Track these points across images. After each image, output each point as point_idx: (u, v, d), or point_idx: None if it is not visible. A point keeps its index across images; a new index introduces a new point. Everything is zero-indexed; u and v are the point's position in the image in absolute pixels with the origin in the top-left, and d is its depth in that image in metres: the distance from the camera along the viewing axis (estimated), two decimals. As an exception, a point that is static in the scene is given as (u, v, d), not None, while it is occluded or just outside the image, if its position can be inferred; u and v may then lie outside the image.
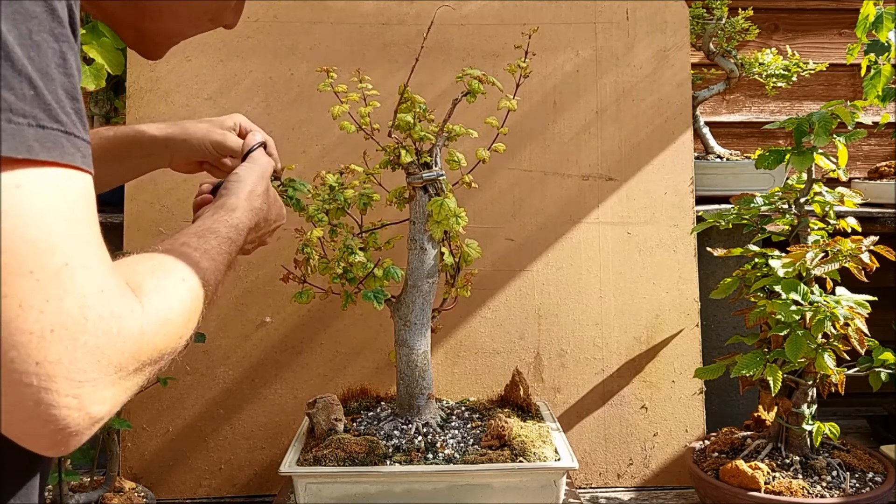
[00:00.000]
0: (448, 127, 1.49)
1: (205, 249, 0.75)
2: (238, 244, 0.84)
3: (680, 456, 1.91)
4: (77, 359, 0.50)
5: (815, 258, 1.56)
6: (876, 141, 2.55)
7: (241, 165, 0.98)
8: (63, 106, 0.53)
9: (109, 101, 2.12)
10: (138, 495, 1.69)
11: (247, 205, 0.90)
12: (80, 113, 0.55)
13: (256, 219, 0.91)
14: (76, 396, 0.50)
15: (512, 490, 1.40)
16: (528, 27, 1.54)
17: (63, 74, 0.53)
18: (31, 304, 0.48)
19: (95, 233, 0.54)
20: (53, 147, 0.51)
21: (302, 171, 1.86)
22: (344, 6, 1.99)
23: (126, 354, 0.54)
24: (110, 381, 0.53)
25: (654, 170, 1.98)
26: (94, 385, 0.51)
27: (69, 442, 0.52)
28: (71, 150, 0.53)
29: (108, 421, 1.60)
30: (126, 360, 0.54)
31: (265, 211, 0.94)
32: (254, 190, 0.93)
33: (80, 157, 0.54)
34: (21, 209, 0.49)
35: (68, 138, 0.53)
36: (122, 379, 0.54)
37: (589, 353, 1.94)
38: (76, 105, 0.54)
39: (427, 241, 1.51)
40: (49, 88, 0.52)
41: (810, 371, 1.60)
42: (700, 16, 2.16)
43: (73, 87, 0.54)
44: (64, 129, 0.52)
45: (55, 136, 0.52)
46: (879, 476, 1.59)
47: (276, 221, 1.00)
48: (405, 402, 1.54)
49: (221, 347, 1.89)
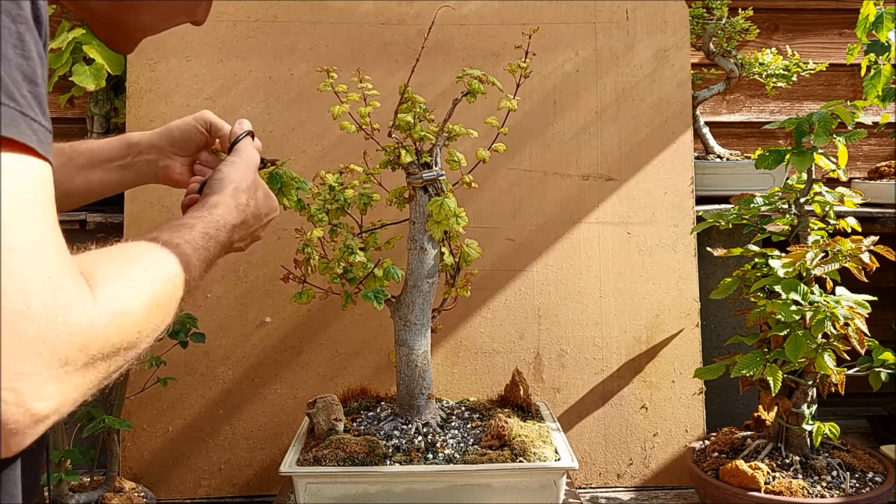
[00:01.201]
0: (448, 127, 1.49)
1: (176, 243, 0.71)
2: (220, 240, 0.81)
3: (680, 456, 1.91)
4: (15, 349, 0.46)
5: (815, 258, 1.56)
6: (876, 141, 2.55)
7: (225, 161, 0.95)
8: (19, 87, 0.50)
9: (109, 101, 2.12)
10: (138, 495, 1.69)
11: (231, 201, 0.87)
12: (39, 98, 0.52)
13: (242, 216, 0.88)
14: (14, 390, 0.47)
15: (512, 490, 1.40)
16: (528, 27, 1.54)
17: (20, 56, 0.51)
18: None
19: (49, 219, 0.51)
20: (10, 123, 0.49)
21: (302, 171, 1.84)
22: (344, 6, 1.99)
23: (72, 347, 0.50)
24: (54, 376, 0.49)
25: (654, 170, 1.98)
26: (34, 379, 0.47)
27: (9, 442, 0.48)
28: (27, 131, 0.50)
29: (108, 421, 1.58)
30: (72, 352, 0.50)
31: (253, 206, 0.91)
32: (238, 186, 0.90)
33: (36, 140, 0.51)
34: None
35: (24, 119, 0.50)
36: (70, 374, 0.50)
37: (589, 353, 1.94)
38: (35, 89, 0.52)
39: (427, 241, 1.51)
40: (5, 68, 0.49)
41: (810, 371, 1.60)
42: (700, 16, 2.16)
43: (31, 70, 0.52)
44: (20, 108, 0.50)
45: (10, 113, 0.49)
46: (879, 476, 1.59)
47: (267, 215, 0.96)
48: (405, 402, 1.54)
49: (221, 347, 1.89)
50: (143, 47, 1.92)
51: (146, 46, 1.93)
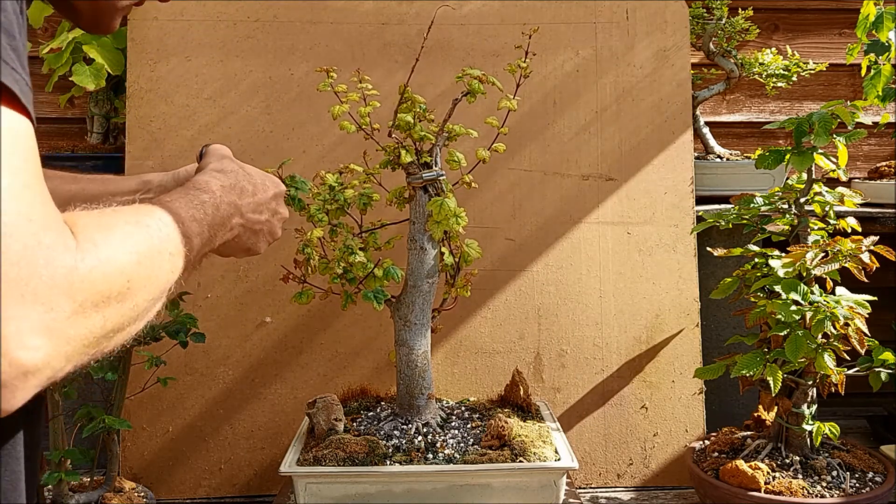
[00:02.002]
0: (448, 127, 1.49)
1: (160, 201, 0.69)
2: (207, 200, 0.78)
3: (680, 456, 1.91)
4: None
5: (815, 258, 1.56)
6: (876, 141, 2.55)
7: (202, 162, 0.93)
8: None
9: (109, 101, 2.12)
10: (138, 495, 1.69)
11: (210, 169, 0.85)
12: (18, 52, 0.51)
13: (230, 178, 0.85)
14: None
15: (512, 490, 1.40)
16: (528, 27, 1.54)
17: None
18: None
19: (28, 165, 0.50)
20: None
21: (302, 171, 1.85)
22: (344, 6, 1.99)
23: (56, 291, 0.48)
24: (40, 323, 0.47)
25: (654, 170, 1.98)
26: (18, 324, 0.45)
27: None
28: (8, 78, 0.49)
29: (108, 421, 1.57)
30: (57, 297, 0.48)
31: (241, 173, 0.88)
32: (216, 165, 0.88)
33: (17, 89, 0.49)
34: None
35: (5, 66, 0.49)
36: (58, 323, 0.48)
37: (589, 353, 1.94)
38: (12, 42, 0.50)
39: (427, 241, 1.51)
40: None
41: (810, 371, 1.60)
42: (700, 16, 2.16)
43: (8, 23, 0.50)
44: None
45: None
46: (879, 476, 1.59)
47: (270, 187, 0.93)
48: (405, 402, 1.54)
49: (221, 347, 1.89)
50: (144, 47, 1.93)
51: (146, 47, 1.93)
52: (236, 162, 0.92)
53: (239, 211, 0.85)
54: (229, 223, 0.82)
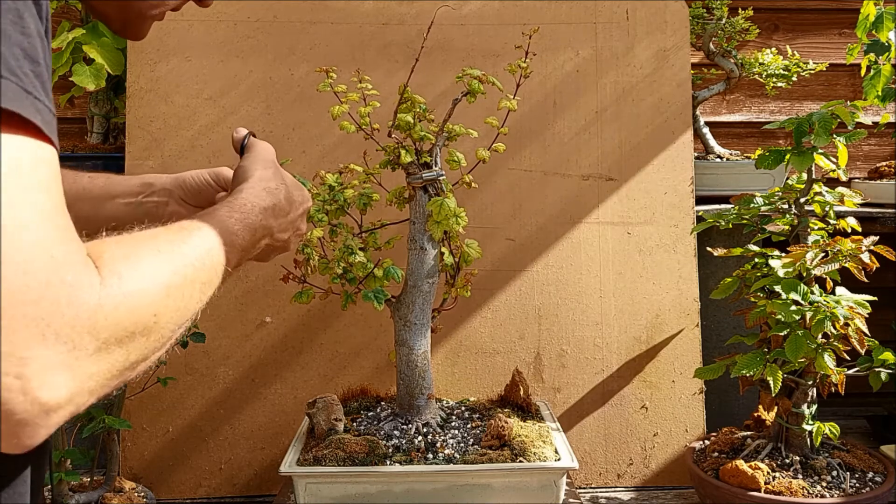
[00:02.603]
0: (448, 127, 1.49)
1: (197, 226, 0.67)
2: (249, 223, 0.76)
3: (680, 456, 1.91)
4: (17, 331, 0.44)
5: (815, 258, 1.56)
6: (876, 141, 2.55)
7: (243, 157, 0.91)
8: (20, 64, 0.48)
9: (109, 101, 2.12)
10: (138, 495, 1.69)
11: (257, 185, 0.82)
12: (42, 78, 0.50)
13: (273, 198, 0.82)
14: (18, 377, 0.44)
15: (512, 490, 1.40)
16: (528, 27, 1.54)
17: (19, 33, 0.48)
18: None
19: (53, 199, 0.49)
20: (13, 98, 0.47)
21: (302, 171, 1.86)
22: (344, 6, 1.99)
23: (79, 329, 0.47)
24: (62, 362, 0.46)
25: (654, 170, 1.98)
26: (39, 364, 0.45)
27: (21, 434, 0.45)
28: (30, 109, 0.48)
29: (108, 421, 1.58)
30: (80, 336, 0.47)
31: (284, 191, 0.85)
32: (263, 173, 0.85)
33: (40, 119, 0.49)
34: None
35: (27, 96, 0.48)
36: (80, 361, 0.47)
37: (589, 353, 1.94)
38: (36, 68, 0.49)
39: (427, 241, 1.51)
40: (5, 44, 0.47)
41: (810, 371, 1.60)
42: (700, 16, 2.16)
43: (31, 48, 0.49)
44: (22, 84, 0.48)
45: (13, 88, 0.47)
46: (879, 476, 1.59)
47: (302, 203, 0.90)
48: (405, 402, 1.54)
49: (221, 347, 1.89)
50: (144, 47, 1.93)
51: (146, 46, 1.93)
52: (279, 170, 0.89)
53: (270, 233, 0.83)
54: (259, 245, 0.81)
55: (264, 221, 0.80)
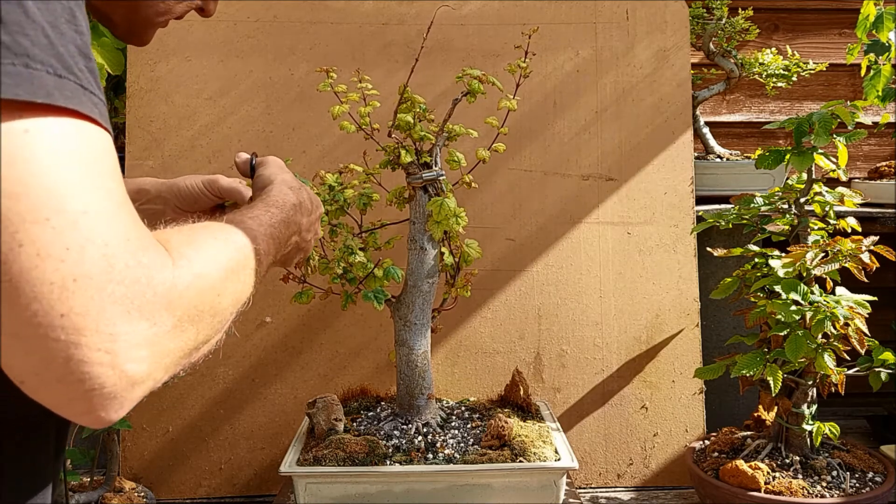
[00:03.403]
0: (448, 127, 1.49)
1: (239, 219, 0.71)
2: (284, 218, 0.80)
3: (680, 456, 1.91)
4: (105, 309, 0.47)
5: (815, 258, 1.56)
6: (876, 141, 2.55)
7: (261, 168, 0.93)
8: (76, 61, 0.50)
9: (109, 101, 2.12)
10: (138, 495, 1.69)
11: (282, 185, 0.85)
12: (94, 73, 0.53)
13: (298, 196, 0.86)
14: (108, 352, 0.47)
15: (512, 490, 1.40)
16: (528, 27, 1.54)
17: (74, 31, 0.51)
18: (50, 253, 0.45)
19: (119, 187, 0.52)
20: (72, 96, 0.49)
21: (302, 171, 1.86)
22: (344, 6, 1.99)
23: (158, 307, 0.50)
24: (144, 338, 0.49)
25: (654, 170, 1.98)
26: (126, 339, 0.48)
27: (108, 407, 0.48)
28: (88, 104, 0.50)
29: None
30: (159, 313, 0.50)
31: (306, 191, 0.89)
32: (284, 177, 0.88)
33: (97, 112, 0.51)
34: (36, 154, 0.46)
35: (84, 92, 0.50)
36: (159, 337, 0.50)
37: (589, 353, 1.94)
38: (90, 64, 0.52)
39: (427, 241, 1.51)
40: (61, 42, 0.49)
41: (810, 371, 1.60)
42: (700, 16, 2.16)
43: (84, 45, 0.52)
44: (79, 82, 0.50)
45: (72, 86, 0.49)
46: (879, 476, 1.59)
47: (318, 207, 0.93)
48: (405, 402, 1.54)
49: (221, 347, 1.88)
50: (143, 47, 1.93)
51: (146, 47, 1.93)
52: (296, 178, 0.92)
53: (299, 230, 0.86)
54: (290, 241, 0.84)
55: (295, 217, 0.83)
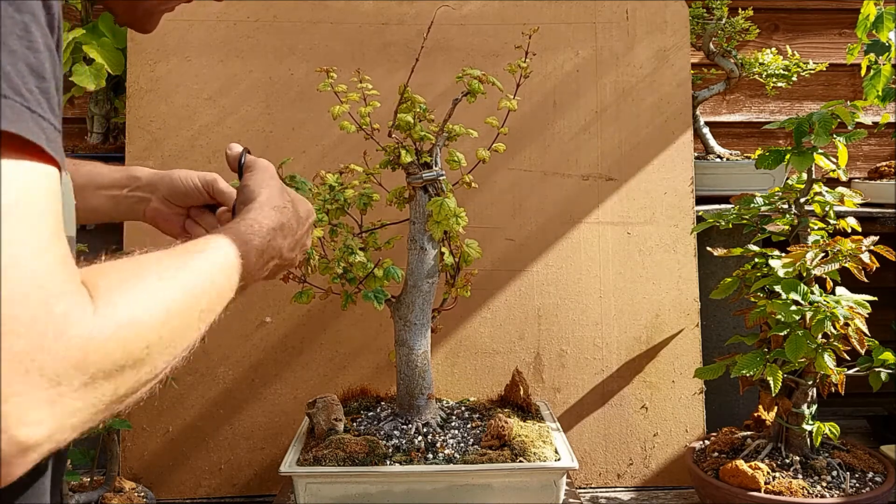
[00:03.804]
0: (448, 127, 1.49)
1: (199, 250, 0.65)
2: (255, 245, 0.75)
3: (680, 456, 1.91)
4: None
5: (815, 258, 1.56)
6: (876, 141, 2.55)
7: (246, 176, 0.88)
8: (25, 80, 0.47)
9: (109, 101, 2.12)
10: (138, 495, 1.69)
11: (265, 204, 0.81)
12: (48, 94, 0.49)
13: (282, 217, 0.81)
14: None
15: (512, 490, 1.40)
16: (528, 27, 1.54)
17: (25, 48, 0.47)
18: None
19: (49, 226, 0.47)
20: (14, 119, 0.45)
21: (302, 171, 1.85)
22: (343, 6, 1.99)
23: (66, 364, 0.44)
24: (45, 399, 0.43)
25: (654, 170, 1.98)
26: (20, 401, 0.42)
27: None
28: (34, 129, 0.47)
29: (108, 421, 1.59)
30: (66, 371, 0.44)
31: (291, 208, 0.84)
32: (271, 193, 0.83)
33: (44, 139, 0.47)
34: None
35: (32, 115, 0.47)
36: (64, 397, 0.44)
37: (589, 353, 1.94)
38: (42, 84, 0.48)
39: (427, 241, 1.51)
40: (7, 60, 0.46)
41: (810, 371, 1.60)
42: (700, 16, 2.16)
43: (38, 63, 0.48)
44: (26, 104, 0.46)
45: (15, 107, 0.45)
46: (879, 476, 1.59)
47: (307, 219, 0.89)
48: (405, 402, 1.54)
49: (221, 347, 1.89)
50: (143, 47, 1.93)
51: (146, 46, 1.93)
52: (283, 187, 0.87)
53: (280, 254, 0.81)
54: (267, 266, 0.79)
55: (273, 242, 0.79)
